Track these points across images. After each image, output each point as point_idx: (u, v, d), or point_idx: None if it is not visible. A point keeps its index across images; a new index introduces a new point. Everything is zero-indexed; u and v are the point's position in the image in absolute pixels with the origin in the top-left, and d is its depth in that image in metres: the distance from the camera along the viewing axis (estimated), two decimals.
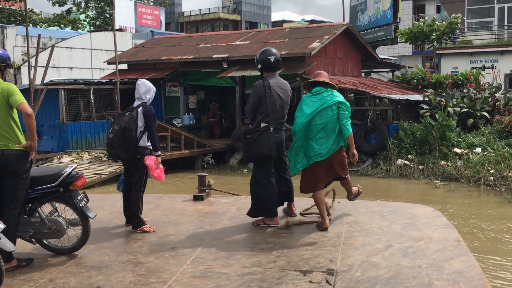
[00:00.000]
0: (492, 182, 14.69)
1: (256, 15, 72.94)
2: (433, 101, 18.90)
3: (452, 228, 6.94)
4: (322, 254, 5.92)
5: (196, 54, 21.28)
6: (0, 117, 5.43)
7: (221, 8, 71.60)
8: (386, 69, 26.98)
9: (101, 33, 32.79)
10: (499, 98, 19.27)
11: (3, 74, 5.63)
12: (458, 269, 5.32)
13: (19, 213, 5.58)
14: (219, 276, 5.33)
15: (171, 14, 68.53)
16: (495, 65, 27.22)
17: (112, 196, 9.47)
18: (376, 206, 8.36)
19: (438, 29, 25.41)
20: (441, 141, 16.76)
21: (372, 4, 33.09)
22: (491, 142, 16.89)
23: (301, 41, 19.93)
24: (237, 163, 19.42)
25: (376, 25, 31.69)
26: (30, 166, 5.69)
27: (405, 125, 17.44)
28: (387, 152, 17.42)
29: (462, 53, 28.22)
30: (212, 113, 23.08)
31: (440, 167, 16.14)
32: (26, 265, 5.63)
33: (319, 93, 6.90)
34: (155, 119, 7.03)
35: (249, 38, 22.02)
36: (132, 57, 23.30)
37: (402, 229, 6.83)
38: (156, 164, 6.89)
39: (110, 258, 5.92)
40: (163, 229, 7.05)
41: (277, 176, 7.15)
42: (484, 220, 11.43)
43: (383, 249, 6.01)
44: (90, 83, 20.53)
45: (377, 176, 16.74)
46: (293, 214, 7.53)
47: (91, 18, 46.69)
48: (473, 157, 16.11)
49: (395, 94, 19.19)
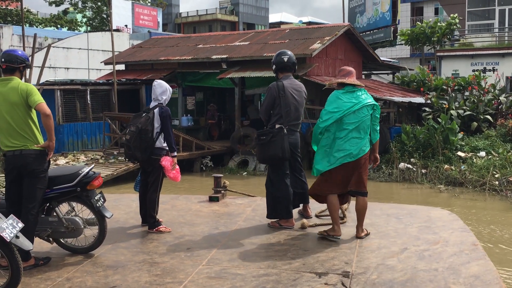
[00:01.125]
0: (497, 187, 14.40)
1: (254, 16, 72.73)
2: (435, 104, 18.61)
3: (469, 231, 6.85)
4: (337, 256, 5.89)
5: (195, 55, 20.95)
6: (19, 117, 5.49)
7: (219, 9, 71.43)
8: (387, 71, 26.68)
9: (98, 33, 32.47)
10: (503, 101, 18.96)
11: (21, 75, 5.70)
12: (475, 273, 5.26)
13: (37, 212, 5.64)
14: (234, 277, 5.34)
15: (168, 15, 68.26)
16: (496, 68, 26.95)
17: (128, 196, 9.60)
18: (392, 209, 8.29)
19: (439, 31, 25.11)
20: (445, 145, 16.47)
21: (371, 6, 32.87)
22: (495, 146, 16.60)
23: (301, 42, 19.62)
24: (236, 166, 19.10)
25: (375, 27, 31.48)
26: (48, 165, 5.74)
27: (408, 128, 17.14)
28: (389, 156, 17.11)
29: (463, 56, 27.94)
30: (211, 114, 22.73)
31: (443, 171, 15.84)
32: (43, 264, 5.68)
33: (353, 91, 6.43)
34: (171, 120, 7.02)
35: (249, 38, 21.70)
36: (130, 58, 22.96)
37: (418, 232, 6.78)
38: (172, 165, 6.93)
39: (126, 258, 5.97)
40: (179, 230, 7.07)
41: (292, 177, 7.08)
42: (496, 225, 11.12)
43: (399, 252, 5.96)
44: (86, 84, 20.19)
45: (379, 180, 16.42)
46: (309, 216, 7.51)
47: (88, 18, 46.38)
48: (477, 161, 15.82)
49: (397, 96, 18.90)
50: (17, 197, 5.63)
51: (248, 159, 19.19)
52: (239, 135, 19.84)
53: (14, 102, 5.47)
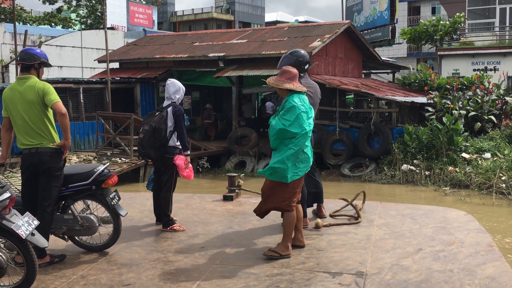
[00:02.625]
0: (504, 190, 13.89)
1: (250, 15, 72.32)
2: (438, 104, 18.11)
3: (484, 232, 6.79)
4: (351, 256, 5.87)
5: (191, 53, 20.39)
6: (35, 116, 5.58)
7: (214, 8, 71.03)
8: (387, 70, 26.19)
9: (92, 31, 31.98)
10: (510, 101, 18.46)
11: (38, 73, 5.74)
12: (491, 275, 5.21)
13: (53, 210, 5.70)
14: (248, 276, 5.34)
15: (164, 13, 67.79)
16: (498, 67, 26.55)
17: (142, 195, 9.68)
18: (407, 209, 8.26)
19: (442, 29, 24.60)
20: (449, 146, 15.95)
21: (368, 4, 32.40)
22: (501, 147, 16.11)
23: (301, 40, 19.09)
24: (233, 167, 18.55)
25: (373, 25, 30.99)
26: (64, 164, 5.82)
27: (410, 129, 16.62)
28: (392, 157, 16.60)
29: (464, 55, 27.52)
30: (207, 114, 22.16)
31: (448, 173, 15.33)
32: (58, 261, 5.76)
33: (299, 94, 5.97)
34: (184, 119, 7.07)
35: (246, 36, 21.15)
36: (124, 56, 22.36)
37: (433, 232, 6.76)
38: (185, 164, 6.99)
39: (140, 256, 6.02)
40: (193, 229, 7.13)
41: (306, 177, 6.81)
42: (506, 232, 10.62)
43: (413, 253, 5.94)
44: (79, 82, 19.59)
45: (381, 182, 15.91)
46: (323, 216, 7.54)
47: (82, 16, 45.81)
48: (482, 162, 15.32)
49: (399, 96, 18.39)
50: (33, 195, 5.67)
51: (245, 160, 18.65)
52: (236, 135, 19.30)
53: (31, 100, 5.55)
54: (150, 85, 21.36)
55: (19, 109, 5.59)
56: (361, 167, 17.26)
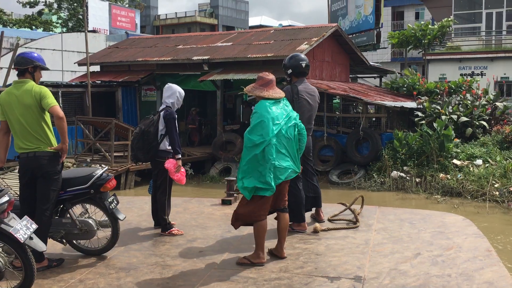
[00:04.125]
0: (498, 198, 13.49)
1: (233, 19, 71.93)
2: (427, 109, 17.71)
3: (483, 237, 6.76)
4: (350, 260, 5.86)
5: (174, 56, 19.82)
6: (32, 119, 5.56)
7: (198, 12, 70.51)
8: (374, 74, 25.81)
9: (73, 34, 31.34)
10: (500, 106, 18.12)
11: (33, 76, 5.70)
12: (489, 280, 5.19)
13: (51, 214, 5.70)
14: (246, 280, 5.32)
15: (147, 17, 67.14)
16: (485, 72, 26.32)
17: (141, 199, 9.79)
18: (405, 214, 8.29)
19: (430, 33, 24.27)
20: (440, 152, 15.53)
21: (353, 9, 32.11)
22: (492, 153, 15.73)
23: (287, 43, 18.62)
24: (218, 174, 18.00)
25: (358, 30, 30.67)
26: (62, 167, 5.81)
27: (400, 134, 16.18)
28: (381, 163, 16.15)
29: (451, 59, 27.26)
30: (191, 119, 21.59)
31: (439, 180, 14.89)
32: (56, 265, 5.76)
33: (278, 101, 5.80)
34: (175, 123, 6.98)
35: (232, 39, 20.64)
36: (105, 58, 21.72)
37: (431, 237, 6.75)
38: (175, 167, 6.91)
39: (138, 260, 6.01)
40: (191, 233, 7.14)
41: (304, 181, 7.05)
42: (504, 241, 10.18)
43: (412, 257, 5.94)
44: (58, 86, 18.92)
45: (370, 189, 15.43)
46: (321, 220, 7.52)
47: (64, 19, 45.07)
48: (473, 169, 14.92)
49: (388, 100, 17.96)
50: (31, 198, 5.68)
51: (230, 166, 18.12)
52: (221, 141, 18.76)
53: (28, 104, 5.53)
54: (132, 89, 20.75)
55: (16, 113, 5.57)
56: (349, 174, 16.79)
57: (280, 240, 5.95)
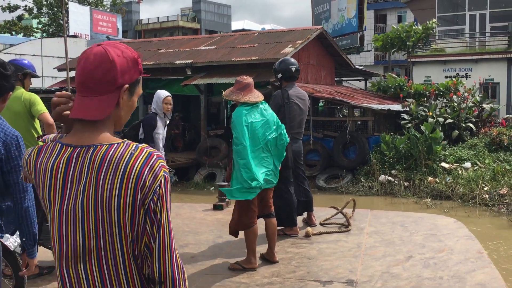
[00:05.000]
0: (488, 201, 13.27)
1: (216, 23, 71.53)
2: (414, 112, 17.49)
3: (474, 239, 6.79)
4: (342, 264, 5.87)
5: (156, 60, 19.42)
6: (22, 126, 5.46)
7: (180, 16, 70.02)
8: (359, 77, 25.60)
9: (53, 39, 30.85)
10: (487, 108, 17.96)
11: (23, 83, 5.72)
12: (481, 281, 5.20)
13: (41, 220, 5.59)
14: (239, 285, 5.33)
15: (129, 22, 66.54)
16: (469, 74, 26.22)
17: None
18: (397, 217, 8.30)
19: (414, 35, 24.10)
20: (428, 155, 15.30)
21: (336, 12, 31.99)
22: (481, 156, 15.53)
23: (272, 46, 18.30)
24: (203, 180, 17.63)
25: (341, 33, 30.56)
26: None
27: (387, 138, 15.93)
28: (369, 167, 15.88)
29: (435, 62, 27.13)
30: (175, 124, 21.17)
31: (428, 183, 14.65)
32: (47, 273, 5.80)
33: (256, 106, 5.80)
34: (151, 128, 6.93)
35: (215, 43, 20.29)
36: None
37: (423, 240, 6.77)
38: None
39: None
40: (183, 238, 7.13)
41: (296, 186, 7.14)
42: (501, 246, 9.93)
43: (404, 260, 5.95)
44: (38, 91, 18.42)
45: (358, 194, 15.13)
46: (313, 224, 7.58)
47: (44, 24, 44.46)
48: (462, 172, 14.71)
49: (374, 103, 17.72)
50: None
51: (215, 172, 17.75)
52: (205, 146, 18.38)
53: (17, 111, 5.53)
54: None
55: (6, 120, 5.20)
56: (337, 178, 16.50)
57: (270, 245, 6.00)
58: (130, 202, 1.79)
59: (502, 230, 11.43)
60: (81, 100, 1.86)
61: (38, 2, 44.48)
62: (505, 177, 13.80)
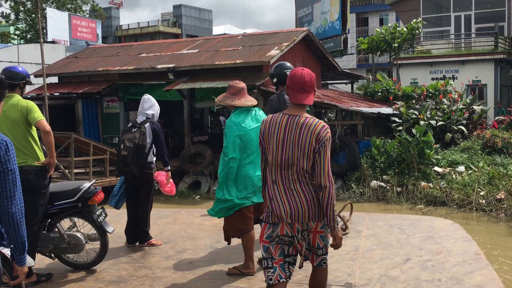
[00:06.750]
0: (485, 206, 12.77)
1: (197, 28, 70.86)
2: (404, 114, 17.01)
3: (471, 241, 6.78)
4: (340, 267, 5.84)
5: (137, 65, 18.75)
6: (19, 134, 5.53)
7: (161, 22, 69.29)
8: (345, 80, 25.10)
9: (31, 45, 29.99)
10: (477, 110, 17.54)
11: (22, 92, 5.75)
12: (479, 283, 5.18)
13: (39, 228, 5.66)
14: None
15: (109, 27, 65.66)
16: (456, 75, 25.89)
17: None
18: (394, 219, 8.28)
19: (399, 36, 23.67)
20: (420, 159, 14.79)
21: (319, 15, 31.59)
22: (474, 159, 15.07)
23: (257, 48, 17.72)
24: (187, 189, 16.96)
25: (324, 36, 30.10)
26: (49, 182, 5.79)
27: (378, 142, 15.41)
28: (359, 173, 15.34)
29: (422, 63, 26.80)
30: None
31: (421, 189, 14.14)
32: (45, 280, 5.73)
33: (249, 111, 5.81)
34: (162, 135, 7.02)
35: (198, 46, 19.66)
36: (64, 69, 20.49)
37: (420, 242, 6.76)
38: (166, 179, 7.03)
39: (128, 273, 5.97)
40: (181, 244, 7.08)
41: None
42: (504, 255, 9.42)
43: (401, 263, 5.95)
44: None
45: (350, 200, 14.53)
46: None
47: (22, 31, 43.56)
48: (456, 177, 14.22)
49: (363, 106, 17.20)
50: None
51: (200, 180, 17.08)
52: (189, 153, 17.70)
53: (14, 119, 5.51)
54: (93, 101, 19.60)
55: (3, 128, 5.49)
56: None
57: (248, 255, 5.86)
58: (312, 145, 3.68)
59: (504, 238, 10.93)
60: (300, 93, 3.83)
61: (16, 9, 43.63)
62: (502, 181, 13.32)
